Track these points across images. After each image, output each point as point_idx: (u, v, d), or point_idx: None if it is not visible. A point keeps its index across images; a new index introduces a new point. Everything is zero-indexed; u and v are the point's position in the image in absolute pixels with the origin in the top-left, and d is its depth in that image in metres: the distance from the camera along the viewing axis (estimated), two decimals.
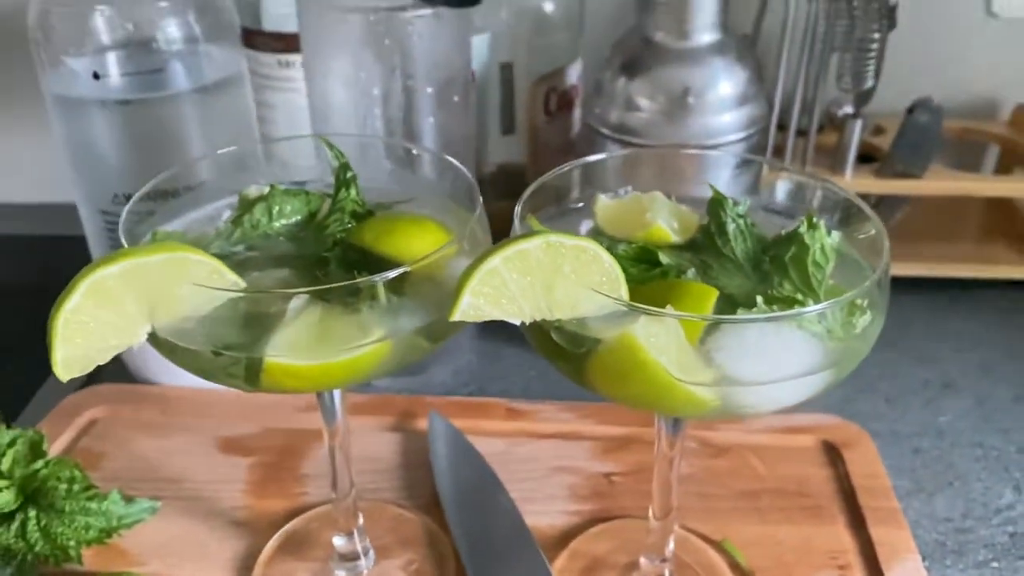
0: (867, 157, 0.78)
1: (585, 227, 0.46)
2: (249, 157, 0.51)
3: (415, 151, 0.53)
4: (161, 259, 0.37)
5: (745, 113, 0.68)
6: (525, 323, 0.37)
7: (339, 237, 0.44)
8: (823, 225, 0.40)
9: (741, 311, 0.38)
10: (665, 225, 0.44)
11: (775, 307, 0.38)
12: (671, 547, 0.52)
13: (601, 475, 0.61)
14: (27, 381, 0.72)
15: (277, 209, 0.45)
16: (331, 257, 0.43)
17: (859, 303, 0.38)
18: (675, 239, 0.44)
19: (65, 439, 0.64)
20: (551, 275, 0.36)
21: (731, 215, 0.42)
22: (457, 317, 0.35)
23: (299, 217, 0.46)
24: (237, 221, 0.45)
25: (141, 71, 0.61)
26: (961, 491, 0.61)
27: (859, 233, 0.43)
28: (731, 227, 0.42)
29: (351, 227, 0.44)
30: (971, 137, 0.85)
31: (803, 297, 0.39)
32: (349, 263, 0.42)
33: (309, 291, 0.37)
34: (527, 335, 0.40)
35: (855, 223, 0.43)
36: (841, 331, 0.38)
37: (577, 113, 0.82)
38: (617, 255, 0.39)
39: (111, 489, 0.54)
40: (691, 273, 0.41)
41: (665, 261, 0.41)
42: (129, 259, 0.36)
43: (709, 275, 0.41)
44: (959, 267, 0.79)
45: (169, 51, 0.61)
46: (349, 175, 0.45)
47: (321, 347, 0.38)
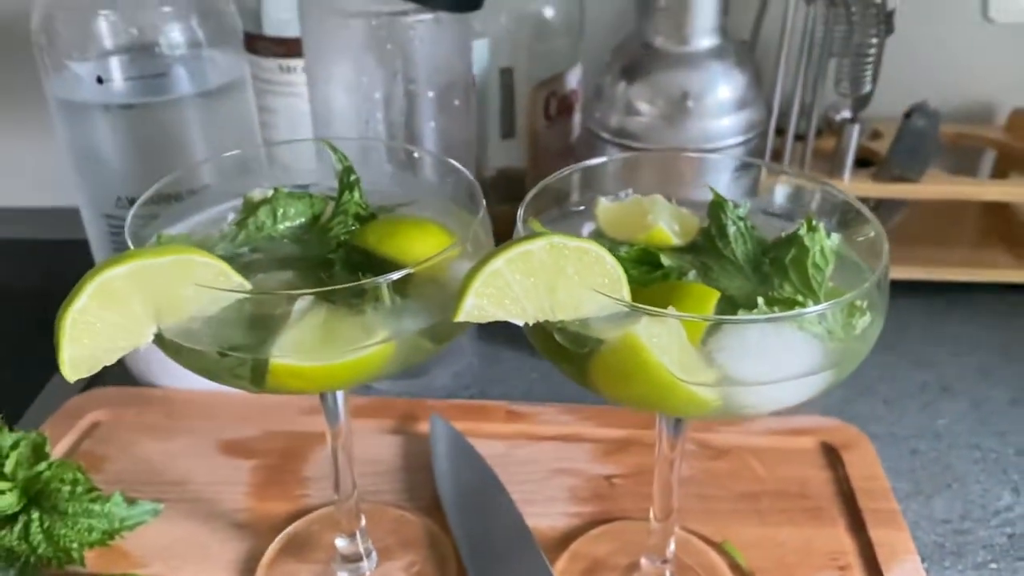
0: (865, 161, 0.78)
1: (587, 230, 0.46)
2: (252, 161, 0.51)
3: (416, 154, 0.53)
4: (168, 261, 0.37)
5: (744, 117, 0.68)
6: (528, 324, 0.37)
7: (343, 239, 0.44)
8: (823, 227, 0.40)
9: (742, 312, 0.38)
10: (666, 227, 0.44)
11: (776, 308, 0.38)
12: (672, 548, 0.52)
13: (601, 477, 0.61)
14: (29, 384, 0.72)
15: (281, 212, 0.45)
16: (335, 259, 0.43)
17: (859, 304, 0.39)
18: (676, 241, 0.44)
19: (67, 442, 0.64)
20: (554, 276, 0.37)
21: (732, 218, 0.43)
22: (461, 318, 0.36)
23: (303, 220, 0.46)
24: (241, 224, 0.45)
25: (144, 75, 0.61)
26: (959, 493, 0.61)
27: (858, 236, 0.43)
28: (732, 229, 0.43)
29: (355, 229, 0.45)
30: (967, 142, 0.85)
31: (803, 299, 0.39)
32: (353, 265, 0.42)
33: (314, 292, 0.38)
34: (530, 336, 0.40)
35: (854, 226, 0.44)
36: (841, 332, 0.38)
37: (577, 118, 0.82)
38: (619, 257, 0.39)
39: (114, 491, 0.54)
40: (692, 275, 0.41)
41: (666, 263, 0.41)
42: (136, 260, 0.36)
43: (710, 277, 0.42)
44: (956, 271, 0.80)
45: (172, 56, 0.61)
46: (352, 178, 0.45)
47: (326, 348, 0.38)
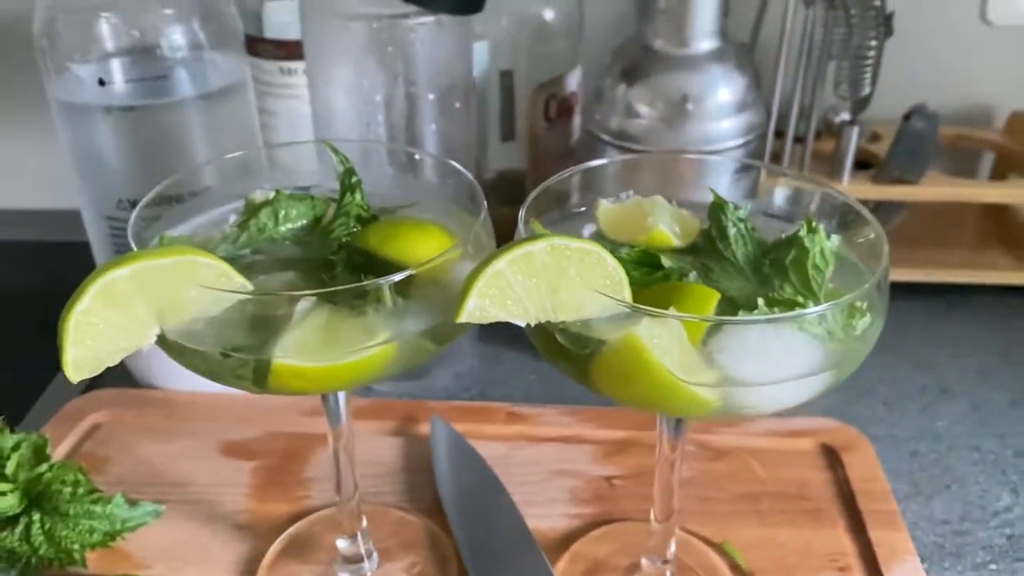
0: (864, 163, 0.79)
1: (587, 231, 0.47)
2: (253, 163, 0.51)
3: (417, 156, 0.53)
4: (171, 262, 0.37)
5: (743, 120, 0.68)
6: (530, 325, 0.38)
7: (344, 241, 0.44)
8: (822, 229, 0.41)
9: (742, 313, 0.38)
10: (667, 229, 0.44)
11: (776, 309, 0.39)
12: (672, 549, 0.52)
13: (602, 478, 0.61)
14: (30, 386, 0.72)
15: (283, 213, 0.45)
16: (337, 260, 0.43)
17: (859, 305, 0.39)
18: (676, 243, 0.44)
19: (68, 443, 0.64)
20: (556, 277, 0.37)
21: (732, 219, 0.43)
22: (463, 319, 0.36)
23: (304, 221, 0.46)
24: (243, 225, 0.45)
25: (146, 78, 0.61)
26: (959, 494, 0.61)
27: (858, 237, 0.43)
28: (732, 231, 0.43)
29: (356, 231, 0.45)
30: (966, 144, 0.86)
31: (803, 300, 0.40)
32: (355, 266, 0.42)
33: (317, 293, 0.38)
34: (532, 337, 0.40)
35: (854, 227, 0.44)
36: (841, 333, 0.38)
37: (577, 120, 0.83)
38: (620, 258, 0.39)
39: (115, 493, 0.54)
40: (693, 276, 0.41)
41: (667, 264, 0.42)
42: (139, 262, 0.36)
43: (710, 278, 0.42)
44: (956, 273, 0.80)
45: (174, 58, 0.61)
46: (354, 180, 0.46)
47: (328, 349, 0.38)
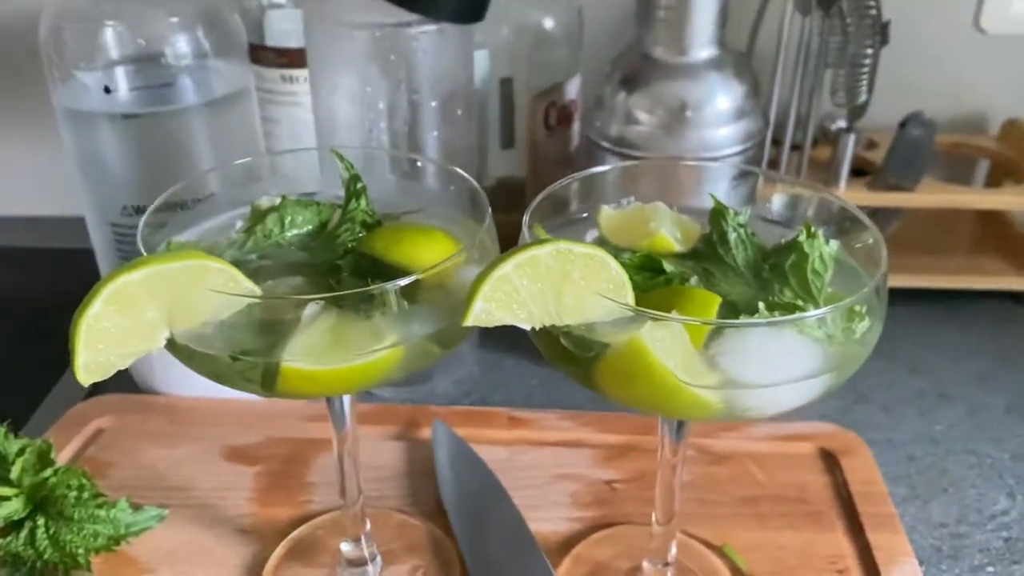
0: (860, 171, 0.79)
1: (590, 237, 0.47)
2: (257, 169, 0.52)
3: (420, 163, 0.53)
4: (181, 266, 0.38)
5: (741, 127, 0.69)
6: (534, 329, 0.38)
7: (350, 246, 0.45)
8: (821, 234, 0.41)
9: (744, 317, 0.39)
10: (668, 234, 0.45)
11: (776, 313, 0.39)
12: (673, 552, 0.53)
13: (603, 482, 0.62)
14: (34, 391, 0.72)
15: (289, 219, 0.46)
16: (343, 265, 0.43)
17: (858, 309, 0.39)
18: (678, 248, 0.45)
19: (72, 448, 0.64)
20: (560, 281, 0.37)
21: (732, 225, 0.43)
22: (470, 322, 0.36)
23: (310, 227, 0.46)
24: (249, 231, 0.46)
25: (151, 85, 0.62)
26: (956, 497, 0.62)
27: (857, 243, 0.44)
28: (732, 236, 0.43)
29: (362, 236, 0.45)
30: (962, 151, 0.87)
31: (803, 304, 0.40)
32: (361, 271, 0.43)
33: (325, 297, 0.38)
34: (536, 340, 0.41)
35: (853, 233, 0.44)
36: (841, 336, 0.39)
37: (576, 127, 0.83)
38: (622, 263, 0.39)
39: (119, 497, 0.54)
40: (694, 280, 0.42)
41: (669, 269, 0.42)
42: (150, 266, 0.37)
43: (712, 282, 0.42)
44: (952, 279, 0.81)
45: (178, 66, 0.62)
46: (359, 186, 0.46)
47: (336, 352, 0.38)
